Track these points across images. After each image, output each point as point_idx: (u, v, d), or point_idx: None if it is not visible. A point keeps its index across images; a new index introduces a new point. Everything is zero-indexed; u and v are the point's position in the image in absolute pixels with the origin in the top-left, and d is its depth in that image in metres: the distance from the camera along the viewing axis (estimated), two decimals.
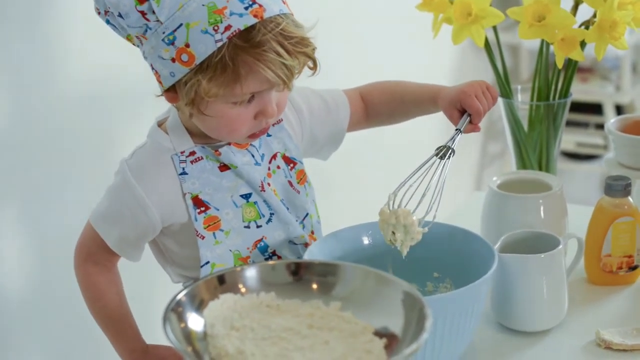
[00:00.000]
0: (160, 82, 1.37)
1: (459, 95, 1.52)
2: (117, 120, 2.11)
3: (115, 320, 1.49)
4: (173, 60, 1.33)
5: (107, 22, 1.39)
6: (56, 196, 1.99)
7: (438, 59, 3.36)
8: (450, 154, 1.45)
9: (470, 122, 1.51)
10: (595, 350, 1.46)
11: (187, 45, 1.31)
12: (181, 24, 1.31)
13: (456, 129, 1.50)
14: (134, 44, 1.42)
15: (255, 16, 1.31)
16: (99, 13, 1.39)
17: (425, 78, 3.28)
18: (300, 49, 1.35)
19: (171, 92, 1.37)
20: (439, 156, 1.45)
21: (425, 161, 1.44)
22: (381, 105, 1.63)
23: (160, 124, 1.47)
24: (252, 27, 1.31)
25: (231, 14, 1.31)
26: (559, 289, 1.50)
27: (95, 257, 1.47)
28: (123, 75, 2.10)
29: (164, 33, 1.32)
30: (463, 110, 1.52)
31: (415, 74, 3.21)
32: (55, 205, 2.00)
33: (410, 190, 1.40)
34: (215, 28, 1.30)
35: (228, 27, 1.31)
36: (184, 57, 1.32)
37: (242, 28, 1.31)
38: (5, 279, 1.91)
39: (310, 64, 1.38)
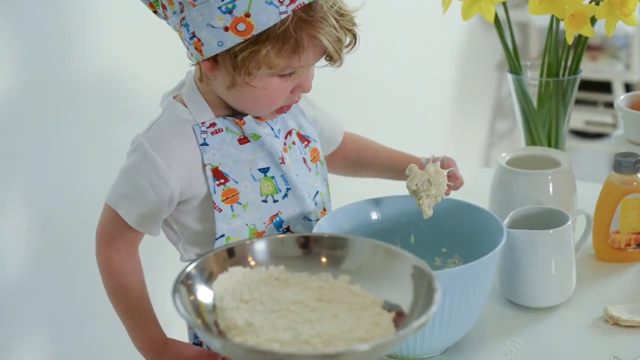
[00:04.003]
0: (200, 51, 1.36)
1: (446, 158, 1.57)
2: (126, 105, 2.11)
3: (137, 309, 1.47)
4: (226, 29, 1.33)
5: None
6: (60, 179, 1.99)
7: (447, 35, 3.35)
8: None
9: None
10: (603, 326, 1.46)
11: (247, 15, 1.32)
12: None
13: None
14: (155, 12, 1.41)
15: None
16: None
17: (434, 54, 3.30)
18: (349, 27, 1.39)
19: (210, 61, 1.38)
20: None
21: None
22: (352, 151, 1.68)
23: (174, 97, 1.47)
24: (315, 2, 1.35)
25: None
26: (567, 265, 1.50)
27: (117, 243, 1.45)
28: (132, 63, 2.10)
29: (222, 1, 1.32)
30: None
31: (424, 49, 3.22)
32: (58, 189, 1.99)
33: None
34: (281, 0, 1.32)
35: (293, 0, 1.32)
36: (241, 27, 1.33)
37: (306, 2, 1.34)
38: (7, 269, 1.91)
39: (347, 41, 1.41)
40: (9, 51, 1.84)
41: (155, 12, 1.42)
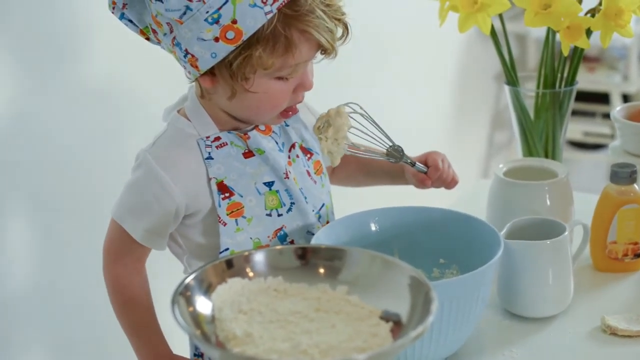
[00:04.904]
0: (195, 67, 1.37)
1: (428, 151, 1.59)
2: (130, 114, 2.11)
3: (143, 325, 1.47)
4: (216, 39, 1.33)
5: (122, 16, 1.40)
6: (62, 185, 2.00)
7: (444, 47, 3.36)
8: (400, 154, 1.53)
9: (426, 173, 1.58)
10: (601, 337, 1.47)
11: (234, 22, 1.32)
12: (227, 1, 1.32)
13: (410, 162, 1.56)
14: (148, 38, 1.42)
15: None
16: (113, 8, 1.39)
17: (431, 67, 3.30)
18: (338, 16, 1.39)
19: (208, 75, 1.38)
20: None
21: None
22: (354, 160, 1.67)
23: (178, 112, 1.47)
24: None
25: None
26: (565, 275, 1.50)
27: (124, 259, 1.46)
28: (131, 76, 2.11)
29: (207, 12, 1.32)
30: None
31: (422, 62, 3.23)
32: (63, 201, 2.00)
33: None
34: (264, 0, 1.32)
35: None
36: (230, 35, 1.33)
37: None
38: (10, 274, 1.92)
39: (339, 33, 1.41)
40: (12, 58, 1.85)
41: (147, 38, 1.43)
